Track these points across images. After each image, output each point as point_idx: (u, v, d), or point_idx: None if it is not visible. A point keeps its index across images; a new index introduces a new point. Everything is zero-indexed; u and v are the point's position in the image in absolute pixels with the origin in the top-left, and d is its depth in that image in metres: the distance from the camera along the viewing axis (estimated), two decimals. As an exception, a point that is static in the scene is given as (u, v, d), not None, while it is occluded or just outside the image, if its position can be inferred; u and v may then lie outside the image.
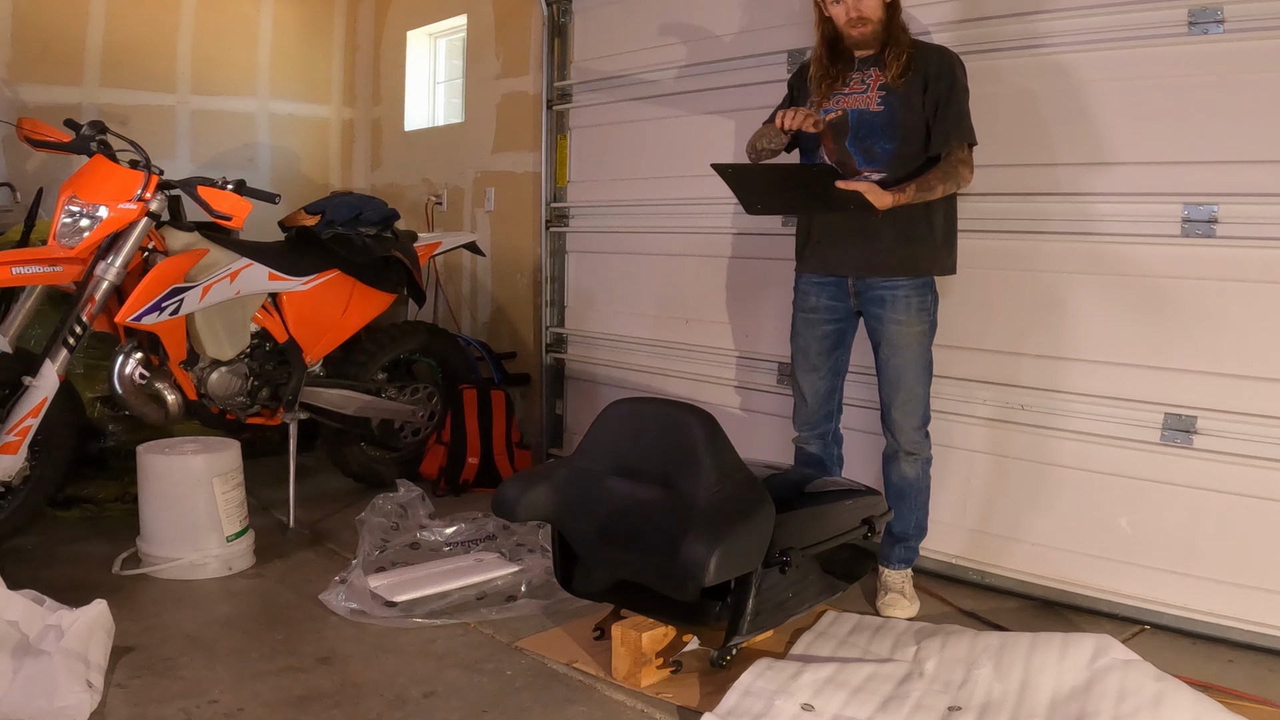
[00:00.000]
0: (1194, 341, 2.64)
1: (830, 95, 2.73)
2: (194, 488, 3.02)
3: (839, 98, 2.73)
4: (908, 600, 2.83)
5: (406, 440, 4.11)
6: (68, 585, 2.80)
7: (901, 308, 2.72)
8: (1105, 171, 2.76)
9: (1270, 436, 2.51)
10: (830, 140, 2.74)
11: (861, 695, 2.21)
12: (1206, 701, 2.08)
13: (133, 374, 3.21)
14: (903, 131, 2.65)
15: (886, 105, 2.66)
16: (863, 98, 2.69)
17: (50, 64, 4.62)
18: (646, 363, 4.05)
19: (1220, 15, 2.54)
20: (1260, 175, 2.50)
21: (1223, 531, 2.61)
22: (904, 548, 2.86)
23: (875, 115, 2.67)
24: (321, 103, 5.62)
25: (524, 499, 2.51)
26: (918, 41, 2.73)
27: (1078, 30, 2.77)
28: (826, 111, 2.73)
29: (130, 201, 3.01)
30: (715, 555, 2.13)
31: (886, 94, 2.66)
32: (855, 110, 2.70)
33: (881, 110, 2.66)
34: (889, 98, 2.66)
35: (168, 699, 2.24)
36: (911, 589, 2.88)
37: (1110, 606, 2.80)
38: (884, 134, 2.67)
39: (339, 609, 2.76)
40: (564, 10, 4.31)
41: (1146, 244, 2.70)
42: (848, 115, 2.71)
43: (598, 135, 4.24)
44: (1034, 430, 2.93)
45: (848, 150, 2.71)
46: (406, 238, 3.97)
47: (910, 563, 2.89)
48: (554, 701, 2.30)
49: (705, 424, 2.43)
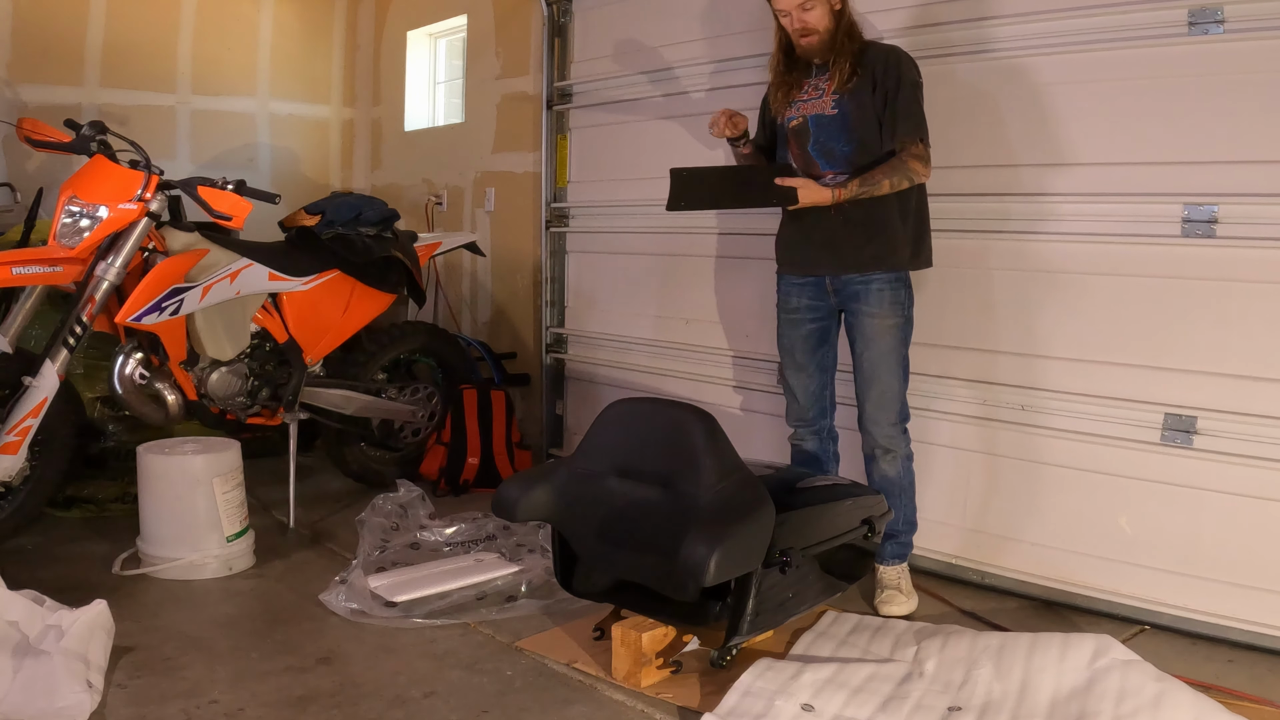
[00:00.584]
0: (1194, 341, 2.64)
1: (791, 103, 2.85)
2: (194, 488, 3.01)
3: (799, 104, 2.84)
4: (905, 596, 2.84)
5: (406, 440, 4.11)
6: (68, 585, 2.80)
7: (874, 300, 2.78)
8: (1105, 171, 2.76)
9: (1270, 436, 2.51)
10: (795, 146, 2.87)
11: (861, 695, 2.21)
12: (1206, 701, 2.08)
13: (133, 374, 3.21)
14: (857, 132, 2.74)
15: (840, 108, 2.76)
16: (819, 103, 2.80)
17: (50, 64, 4.62)
18: (646, 363, 4.05)
19: (1220, 15, 2.54)
20: (1260, 175, 2.50)
21: (1223, 531, 2.61)
22: (895, 544, 2.88)
23: (831, 118, 2.77)
24: (321, 103, 5.62)
25: (524, 499, 2.51)
26: (870, 43, 2.82)
27: (1078, 30, 2.77)
28: (790, 119, 2.85)
29: (130, 201, 3.01)
30: (715, 555, 2.13)
31: (839, 97, 2.75)
32: (814, 115, 2.80)
33: (836, 113, 2.76)
34: (842, 100, 2.75)
35: (168, 699, 2.24)
36: (909, 584, 2.89)
37: (1110, 606, 2.79)
38: (840, 136, 2.77)
39: (339, 609, 2.76)
40: (564, 10, 4.31)
41: (1146, 244, 2.70)
42: (808, 121, 2.81)
43: (598, 135, 4.24)
44: (1034, 430, 2.93)
45: (811, 155, 2.82)
46: (406, 238, 3.97)
47: (904, 558, 2.90)
48: (554, 701, 2.30)
49: (705, 424, 2.43)
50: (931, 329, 3.10)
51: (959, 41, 3.00)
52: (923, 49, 3.04)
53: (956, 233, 3.02)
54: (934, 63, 3.03)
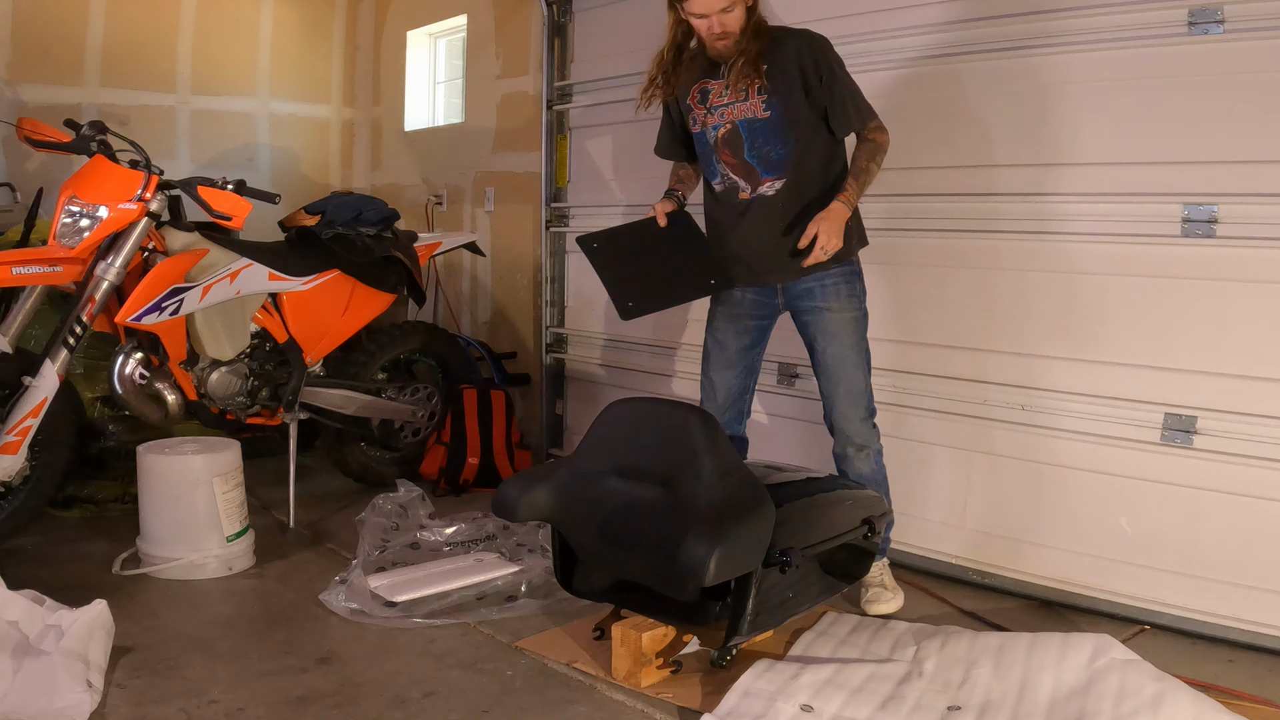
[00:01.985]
0: (1194, 341, 2.64)
1: (711, 109, 2.72)
2: (194, 488, 3.02)
3: (721, 110, 2.71)
4: (890, 592, 2.82)
5: (406, 440, 4.11)
6: (68, 585, 2.80)
7: (831, 295, 2.72)
8: (1105, 171, 2.76)
9: (1270, 436, 2.51)
10: (729, 154, 2.73)
11: (861, 696, 2.21)
12: (1206, 701, 2.08)
13: (133, 374, 3.21)
14: (794, 132, 2.66)
15: (772, 109, 2.65)
16: (745, 106, 2.67)
17: (50, 64, 4.62)
18: (646, 363, 4.05)
19: (1220, 15, 2.54)
20: (1260, 175, 2.50)
21: (1223, 531, 2.61)
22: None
23: (765, 121, 2.66)
24: (321, 103, 5.63)
25: (524, 499, 2.51)
26: (779, 31, 2.69)
27: (1078, 30, 2.77)
28: (715, 127, 2.72)
29: (130, 201, 3.01)
30: (715, 555, 2.13)
31: (767, 98, 2.64)
32: (744, 120, 2.68)
33: (769, 115, 2.65)
34: (772, 100, 2.64)
35: (168, 699, 2.24)
36: (892, 579, 2.87)
37: (1110, 606, 2.79)
38: (776, 138, 2.67)
39: (339, 609, 2.76)
40: (564, 10, 4.31)
41: (1146, 244, 2.70)
42: (738, 127, 2.69)
43: (598, 135, 4.24)
44: (1034, 430, 2.93)
45: (750, 162, 2.71)
46: (406, 238, 3.97)
47: (884, 553, 2.87)
48: (554, 701, 2.30)
49: (705, 424, 2.43)
50: (930, 329, 3.11)
51: (959, 41, 2.99)
52: (923, 49, 3.05)
53: (956, 233, 3.02)
54: (935, 63, 3.04)
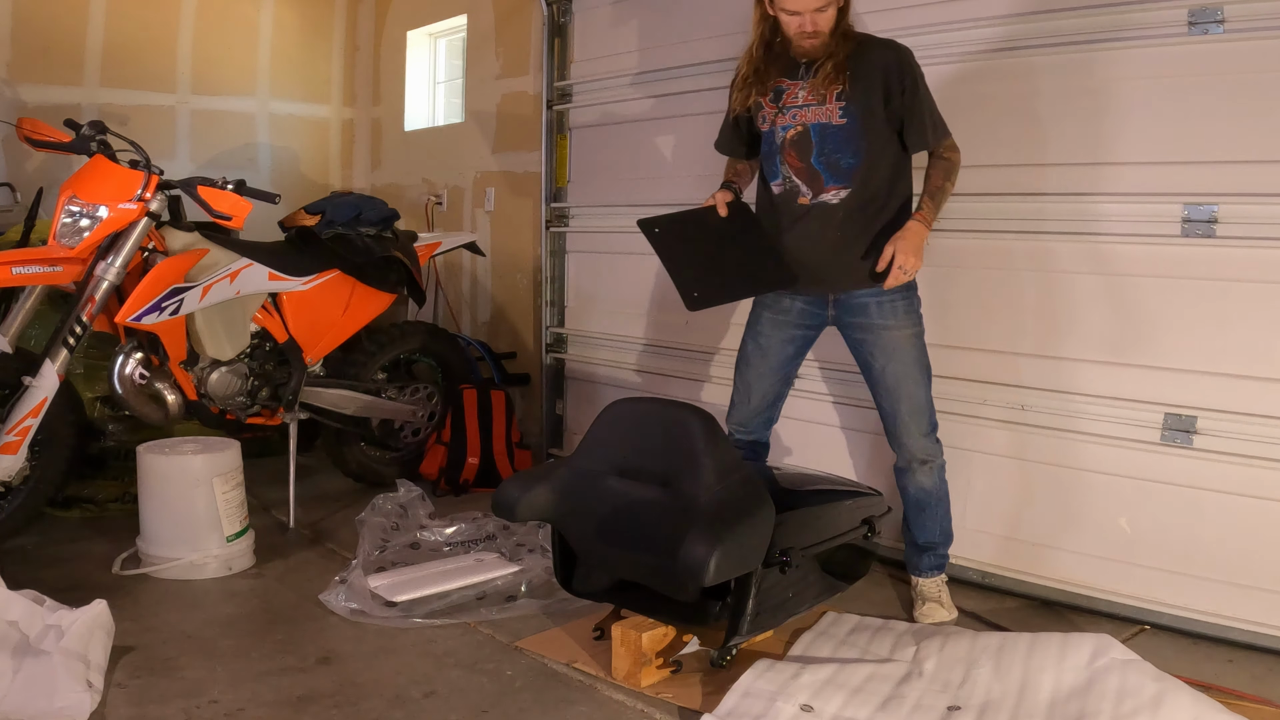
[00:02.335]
0: (1194, 341, 2.64)
1: (783, 109, 2.64)
2: (194, 488, 3.02)
3: (794, 111, 2.63)
4: (945, 610, 2.78)
5: (406, 440, 4.11)
6: (68, 585, 2.80)
7: (889, 311, 2.65)
8: (1105, 171, 2.76)
9: (1270, 436, 2.51)
10: (795, 158, 2.66)
11: (861, 696, 2.21)
12: (1206, 701, 2.08)
13: (133, 374, 3.21)
14: (867, 142, 2.59)
15: (849, 117, 2.58)
16: (822, 110, 2.60)
17: (50, 64, 4.62)
18: (647, 363, 4.05)
19: (1220, 15, 2.53)
20: (1260, 175, 2.50)
21: (1223, 531, 2.61)
22: (933, 555, 2.81)
23: (839, 129, 2.59)
24: (321, 103, 5.63)
25: (524, 499, 2.51)
26: (865, 39, 2.64)
27: (1078, 30, 2.77)
28: (785, 128, 2.65)
29: (130, 201, 3.01)
30: (715, 555, 2.13)
31: (846, 105, 2.57)
32: (816, 124, 2.61)
33: (845, 123, 2.58)
34: (850, 108, 2.57)
35: (168, 699, 2.24)
36: (948, 598, 2.82)
37: (1110, 606, 2.79)
38: (848, 147, 2.60)
39: (339, 609, 2.76)
40: (564, 10, 4.31)
41: (1146, 244, 2.70)
42: (809, 130, 2.62)
43: (598, 135, 4.24)
44: (1034, 430, 2.93)
45: (816, 168, 2.64)
46: (406, 238, 3.97)
47: (941, 569, 2.83)
48: (554, 701, 2.30)
49: (705, 424, 2.43)
50: (928, 328, 3.10)
51: (959, 41, 2.99)
52: (923, 50, 3.03)
53: (950, 233, 3.01)
54: (935, 63, 3.03)
